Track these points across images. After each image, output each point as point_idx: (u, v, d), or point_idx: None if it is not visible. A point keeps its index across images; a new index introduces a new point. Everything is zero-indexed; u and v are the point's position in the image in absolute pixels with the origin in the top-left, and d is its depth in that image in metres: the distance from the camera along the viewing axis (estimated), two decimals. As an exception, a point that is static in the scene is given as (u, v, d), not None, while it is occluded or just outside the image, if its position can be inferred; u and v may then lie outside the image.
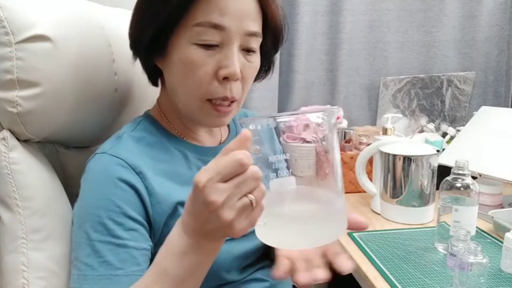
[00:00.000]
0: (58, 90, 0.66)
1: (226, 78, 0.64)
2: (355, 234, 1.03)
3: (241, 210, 0.48)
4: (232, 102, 0.68)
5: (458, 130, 1.53)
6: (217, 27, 0.62)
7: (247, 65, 0.67)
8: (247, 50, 0.67)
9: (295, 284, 0.98)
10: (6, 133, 0.64)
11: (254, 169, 0.48)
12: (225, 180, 0.47)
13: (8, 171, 0.63)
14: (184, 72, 0.65)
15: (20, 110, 0.62)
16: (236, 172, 0.47)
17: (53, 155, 0.76)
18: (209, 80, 0.64)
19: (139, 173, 0.64)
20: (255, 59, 0.69)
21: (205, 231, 0.52)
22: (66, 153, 0.78)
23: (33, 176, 0.66)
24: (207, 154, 0.74)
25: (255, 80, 0.80)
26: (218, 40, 0.63)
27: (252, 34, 0.65)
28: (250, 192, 0.48)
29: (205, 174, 0.48)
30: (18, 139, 0.66)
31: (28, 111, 0.63)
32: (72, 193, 0.76)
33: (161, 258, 0.56)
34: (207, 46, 0.63)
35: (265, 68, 0.79)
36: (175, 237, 0.54)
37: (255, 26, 0.66)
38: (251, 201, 0.48)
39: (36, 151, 0.70)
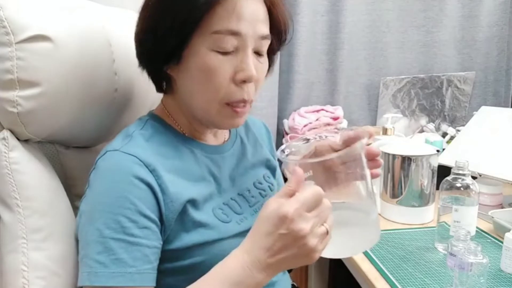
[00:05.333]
0: (59, 90, 0.66)
1: (243, 81, 0.66)
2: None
3: (321, 237, 0.56)
4: (246, 103, 0.70)
5: (458, 130, 1.53)
6: (235, 33, 0.64)
7: (259, 66, 0.69)
8: (258, 53, 0.68)
9: (294, 283, 0.98)
10: (6, 133, 0.64)
11: (327, 201, 0.57)
12: (309, 210, 0.55)
13: (8, 171, 0.63)
14: (202, 78, 0.66)
15: (20, 110, 0.62)
16: (317, 203, 0.56)
17: (53, 155, 0.76)
18: (227, 84, 0.66)
19: (152, 171, 0.64)
20: (265, 60, 0.71)
21: (278, 264, 0.57)
22: (66, 153, 0.78)
23: (33, 176, 0.66)
24: (213, 152, 0.75)
25: None
26: (235, 45, 0.65)
27: (264, 37, 0.68)
28: (325, 221, 0.57)
29: (290, 206, 0.54)
30: (18, 139, 0.66)
31: (28, 111, 0.63)
32: (72, 193, 0.76)
33: (216, 283, 0.58)
34: (224, 52, 0.65)
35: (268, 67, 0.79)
36: (238, 269, 0.57)
37: (266, 29, 0.68)
38: (327, 229, 0.57)
39: (36, 151, 0.69)
